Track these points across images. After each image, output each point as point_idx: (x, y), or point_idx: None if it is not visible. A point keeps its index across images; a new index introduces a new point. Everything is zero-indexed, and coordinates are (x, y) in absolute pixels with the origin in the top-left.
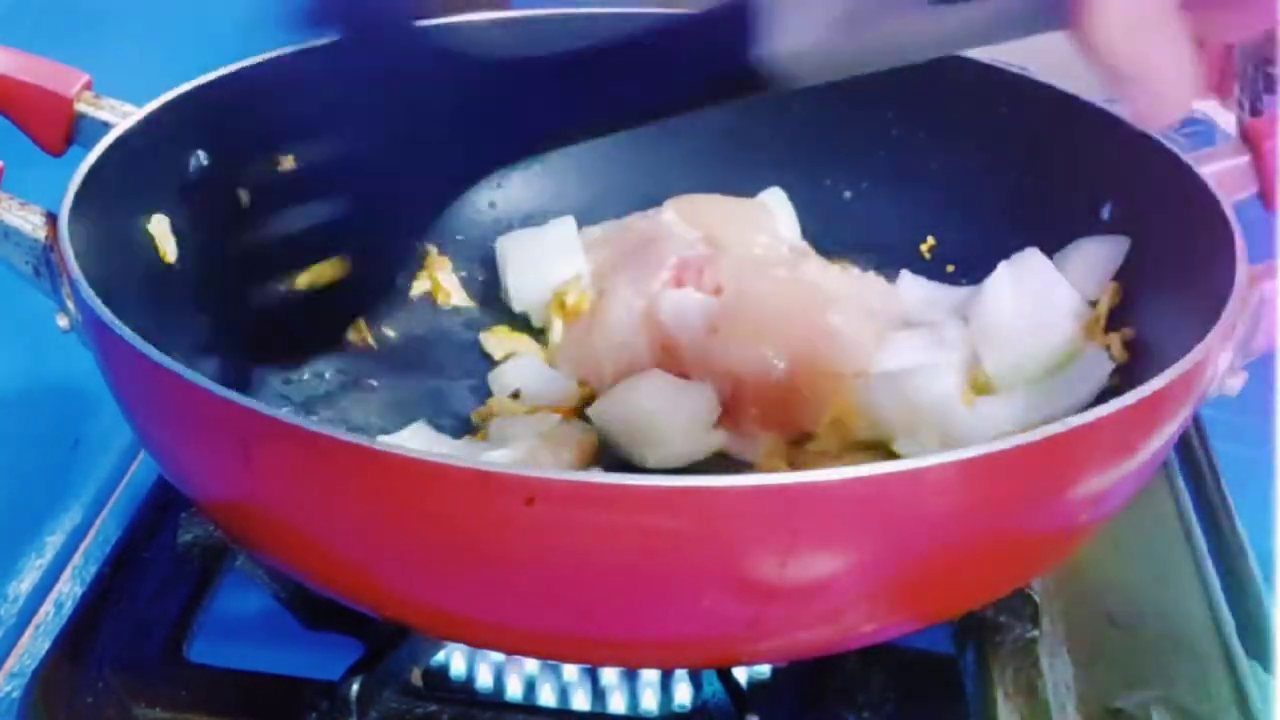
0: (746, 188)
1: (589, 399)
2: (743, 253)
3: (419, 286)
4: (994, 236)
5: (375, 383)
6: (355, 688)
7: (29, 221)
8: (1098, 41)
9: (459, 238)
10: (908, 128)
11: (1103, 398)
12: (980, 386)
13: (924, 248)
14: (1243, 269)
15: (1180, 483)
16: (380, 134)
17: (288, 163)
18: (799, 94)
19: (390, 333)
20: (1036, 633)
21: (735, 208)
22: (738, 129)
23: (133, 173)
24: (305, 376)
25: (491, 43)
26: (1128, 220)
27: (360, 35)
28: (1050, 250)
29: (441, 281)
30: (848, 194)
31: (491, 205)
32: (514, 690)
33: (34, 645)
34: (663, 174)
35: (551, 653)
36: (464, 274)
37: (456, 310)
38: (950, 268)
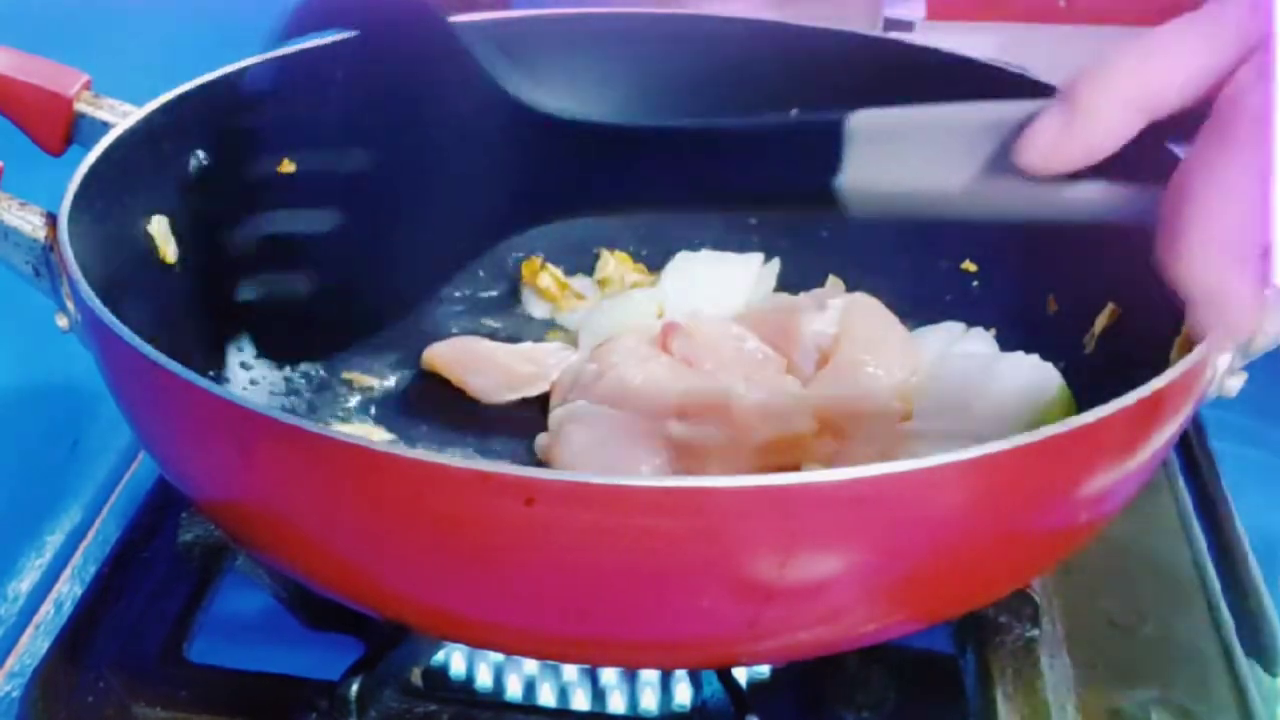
0: None
1: None
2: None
3: None
4: (993, 237)
5: None
6: (355, 687)
7: (29, 221)
8: (1177, 264)
9: None
10: None
11: (1103, 397)
12: None
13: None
14: None
15: (1180, 483)
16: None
17: (289, 166)
18: (798, 97)
19: None
20: (1036, 633)
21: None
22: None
23: (133, 173)
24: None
25: (490, 43)
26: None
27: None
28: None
29: None
30: None
31: None
32: (514, 690)
33: (34, 645)
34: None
35: (551, 653)
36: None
37: None
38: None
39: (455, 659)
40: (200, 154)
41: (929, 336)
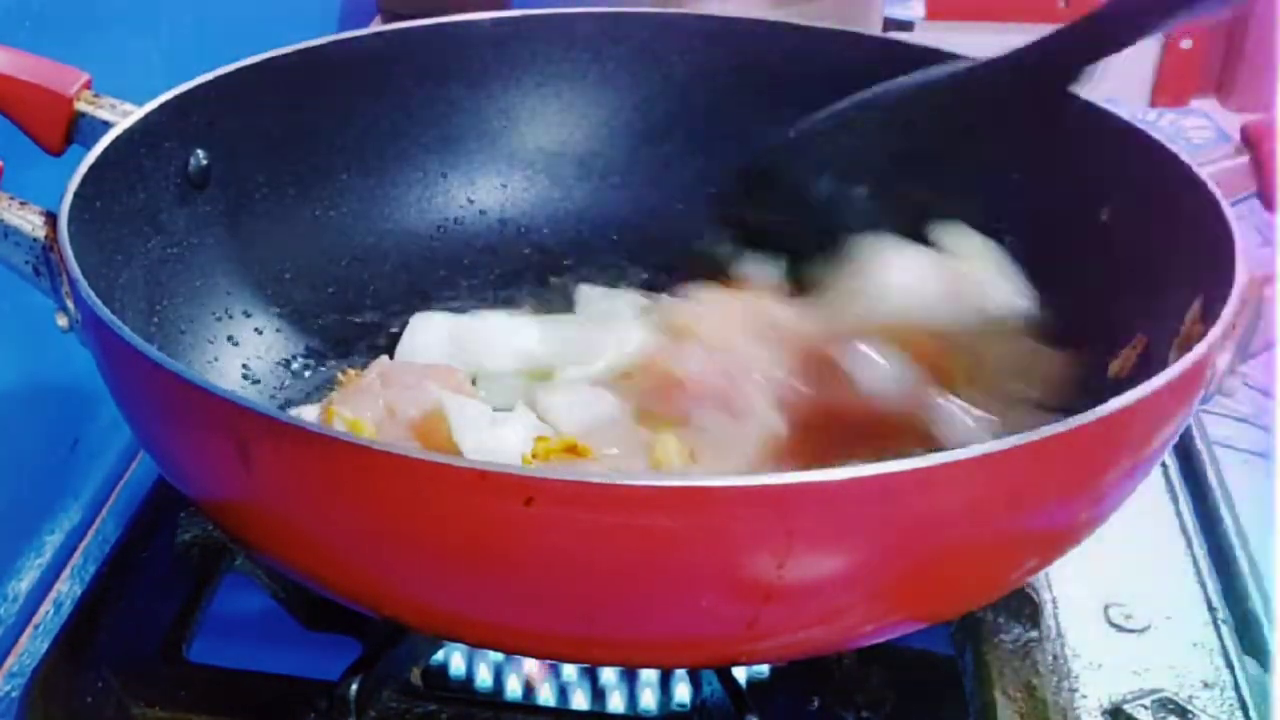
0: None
1: None
2: None
3: None
4: (994, 238)
5: None
6: (354, 687)
7: (29, 221)
8: None
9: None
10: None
11: (1102, 396)
12: None
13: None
14: (1242, 269)
15: (1180, 483)
16: None
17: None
18: (798, 97)
19: None
20: (1036, 633)
21: None
22: (738, 131)
23: (133, 173)
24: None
25: (491, 42)
26: (1128, 220)
27: None
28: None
29: None
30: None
31: (490, 207)
32: (513, 690)
33: (33, 645)
34: (661, 176)
35: (551, 652)
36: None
37: None
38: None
39: (455, 659)
40: (200, 154)
41: None
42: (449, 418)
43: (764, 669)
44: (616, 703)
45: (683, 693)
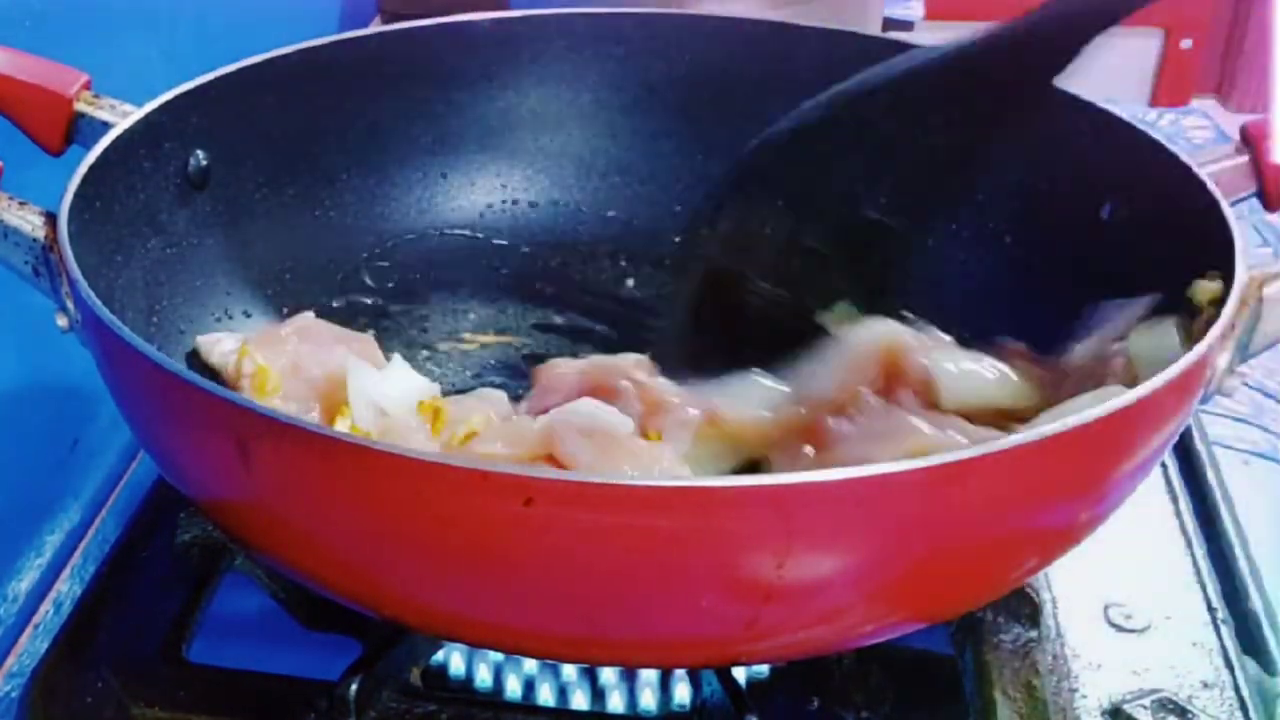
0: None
1: None
2: None
3: None
4: (994, 238)
5: None
6: (354, 687)
7: (28, 221)
8: None
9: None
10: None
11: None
12: None
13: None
14: (1242, 269)
15: (1180, 483)
16: None
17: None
18: (797, 97)
19: None
20: (1035, 633)
21: None
22: (738, 131)
23: (133, 173)
24: None
25: (491, 42)
26: (1128, 220)
27: None
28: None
29: None
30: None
31: (489, 207)
32: (513, 689)
33: (33, 645)
34: (661, 176)
35: (550, 652)
36: None
37: None
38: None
39: (454, 659)
40: (200, 154)
41: None
42: (349, 382)
43: (764, 669)
44: (616, 703)
45: (683, 693)
